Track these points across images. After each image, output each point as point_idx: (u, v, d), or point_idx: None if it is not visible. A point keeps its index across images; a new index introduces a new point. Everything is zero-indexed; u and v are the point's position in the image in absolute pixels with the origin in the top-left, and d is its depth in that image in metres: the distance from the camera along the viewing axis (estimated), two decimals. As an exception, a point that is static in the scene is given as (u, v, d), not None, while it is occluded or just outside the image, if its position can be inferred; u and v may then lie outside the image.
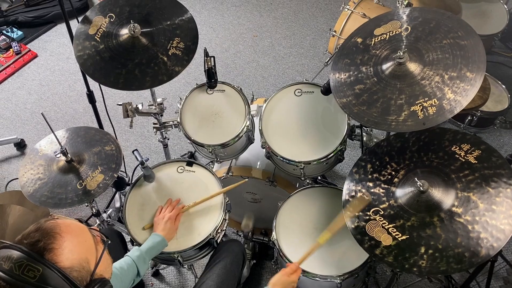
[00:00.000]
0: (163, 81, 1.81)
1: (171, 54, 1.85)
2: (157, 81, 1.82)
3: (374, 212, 1.49)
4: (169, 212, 1.74)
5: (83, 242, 1.01)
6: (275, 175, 2.09)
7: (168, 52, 1.85)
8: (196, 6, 3.96)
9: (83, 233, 1.03)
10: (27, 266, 0.90)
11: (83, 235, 1.03)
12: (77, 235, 1.01)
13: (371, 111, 1.52)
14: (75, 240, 0.99)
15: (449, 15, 1.57)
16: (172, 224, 1.72)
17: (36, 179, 1.76)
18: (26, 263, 0.90)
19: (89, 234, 1.05)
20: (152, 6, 1.95)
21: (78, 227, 1.04)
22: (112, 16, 1.92)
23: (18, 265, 0.90)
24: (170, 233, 1.71)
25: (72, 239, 0.98)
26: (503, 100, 2.57)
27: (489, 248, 1.30)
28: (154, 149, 2.99)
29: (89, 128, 1.91)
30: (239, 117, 1.95)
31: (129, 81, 1.82)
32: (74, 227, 1.02)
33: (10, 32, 3.67)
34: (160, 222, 1.71)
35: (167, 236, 1.69)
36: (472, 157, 1.47)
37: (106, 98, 2.43)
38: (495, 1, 2.97)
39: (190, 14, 1.96)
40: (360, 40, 1.69)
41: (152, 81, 1.82)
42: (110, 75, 1.83)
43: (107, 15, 1.93)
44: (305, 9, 3.87)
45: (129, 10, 1.94)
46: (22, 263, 0.90)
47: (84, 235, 1.03)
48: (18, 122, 3.19)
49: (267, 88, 3.28)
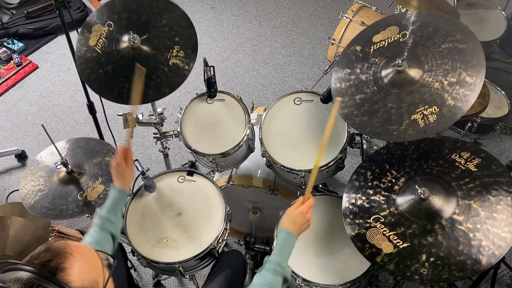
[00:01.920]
0: (166, 93, 1.82)
1: (172, 64, 1.86)
2: (160, 94, 1.82)
3: (375, 220, 1.49)
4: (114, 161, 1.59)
5: (92, 263, 1.00)
6: (276, 183, 2.09)
7: (169, 62, 1.86)
8: (195, 16, 3.98)
9: (91, 254, 1.03)
10: (39, 286, 0.88)
11: (92, 256, 1.02)
12: (87, 256, 1.00)
13: (372, 121, 1.52)
14: (86, 260, 0.98)
15: (447, 17, 1.56)
16: (123, 167, 1.57)
17: (36, 190, 1.76)
18: (38, 283, 0.87)
19: (97, 256, 1.04)
20: (149, 11, 1.95)
21: (86, 248, 1.03)
22: (111, 25, 1.93)
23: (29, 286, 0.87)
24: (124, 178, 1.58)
25: (83, 259, 0.98)
26: (503, 106, 2.58)
27: (491, 256, 1.30)
28: (155, 159, 2.99)
29: (90, 139, 1.92)
30: (239, 126, 1.96)
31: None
32: (83, 248, 1.01)
33: (11, 44, 3.70)
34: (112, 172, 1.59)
35: (123, 183, 1.57)
36: (472, 165, 1.47)
37: (106, 108, 2.43)
38: (493, 7, 2.98)
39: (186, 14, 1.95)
40: (360, 48, 1.69)
41: (155, 94, 1.82)
42: (114, 90, 1.83)
43: (106, 23, 1.93)
44: (304, 18, 3.89)
45: (127, 17, 1.93)
46: (33, 284, 0.87)
47: (93, 256, 1.03)
48: (19, 133, 3.20)
49: (267, 97, 3.29)
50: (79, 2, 4.04)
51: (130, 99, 1.71)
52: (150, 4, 1.95)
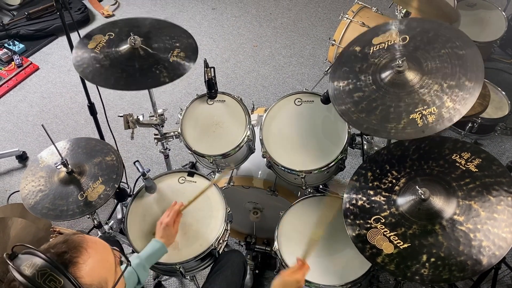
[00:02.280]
0: (165, 82, 1.81)
1: (173, 61, 1.86)
2: (160, 82, 1.81)
3: (375, 220, 1.49)
4: (166, 217, 1.70)
5: (105, 261, 1.01)
6: (277, 184, 2.09)
7: (169, 60, 1.86)
8: (196, 17, 3.99)
9: (106, 252, 1.03)
10: (50, 276, 0.89)
11: (106, 254, 1.03)
12: (101, 253, 1.01)
13: (370, 119, 1.52)
14: (99, 258, 0.99)
15: (447, 25, 1.58)
16: (171, 229, 1.67)
17: (37, 191, 1.76)
18: (49, 272, 0.89)
19: (112, 254, 1.05)
20: (152, 27, 1.99)
21: (103, 246, 1.03)
22: (112, 35, 1.94)
23: (41, 274, 0.89)
24: (169, 238, 1.66)
25: (97, 256, 0.98)
26: (503, 107, 2.58)
27: (491, 256, 1.30)
28: (156, 160, 2.99)
29: (90, 139, 1.92)
30: (239, 127, 1.96)
31: (130, 83, 1.81)
32: (99, 244, 1.02)
33: (12, 45, 3.70)
34: (159, 228, 1.68)
35: (167, 242, 1.65)
36: (472, 166, 1.47)
37: (107, 110, 2.44)
38: (493, 8, 2.98)
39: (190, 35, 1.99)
40: (359, 49, 1.69)
41: (154, 82, 1.82)
42: (110, 79, 1.82)
43: (107, 34, 1.95)
44: (304, 19, 3.89)
45: (129, 30, 1.95)
46: (45, 272, 0.89)
47: (107, 255, 1.03)
48: (20, 134, 3.20)
49: (267, 98, 3.29)
50: (79, 4, 4.05)
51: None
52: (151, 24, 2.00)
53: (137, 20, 2.03)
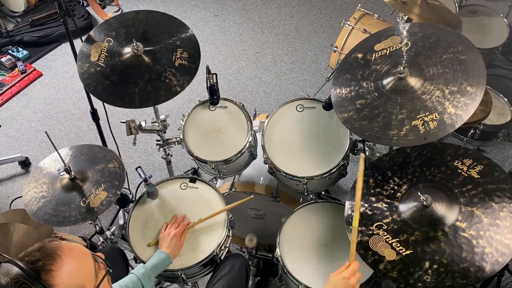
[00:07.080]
0: (177, 92, 1.82)
1: (178, 65, 1.87)
2: (172, 93, 1.82)
3: (377, 227, 1.48)
4: (174, 229, 1.73)
5: (82, 267, 1.00)
6: (279, 190, 2.09)
7: (175, 64, 1.87)
8: (199, 24, 4.01)
9: (84, 258, 1.02)
10: (23, 284, 0.90)
11: (84, 260, 1.02)
12: (78, 259, 1.00)
13: (372, 126, 1.52)
14: (75, 264, 0.98)
15: (449, 30, 1.58)
16: (178, 241, 1.71)
17: (39, 197, 1.76)
18: (23, 281, 0.90)
19: (91, 260, 1.04)
20: (146, 23, 1.98)
21: (80, 252, 1.03)
22: (110, 40, 1.94)
23: (15, 282, 0.90)
24: (175, 250, 1.69)
25: (72, 263, 0.98)
26: (505, 113, 2.57)
27: (494, 263, 1.29)
28: (158, 165, 3.00)
29: (93, 146, 1.92)
30: (241, 133, 1.96)
31: (145, 98, 1.82)
32: (76, 251, 1.01)
33: (15, 52, 3.73)
34: (166, 239, 1.71)
35: (172, 253, 1.68)
36: (474, 172, 1.47)
37: (109, 115, 2.45)
38: (495, 15, 2.99)
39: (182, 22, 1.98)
40: (361, 56, 1.70)
41: (167, 94, 1.82)
42: (125, 96, 1.83)
43: (105, 40, 1.94)
44: (306, 25, 3.91)
45: (125, 31, 1.95)
46: (18, 280, 0.90)
47: (85, 261, 1.02)
48: (23, 140, 3.22)
49: (269, 104, 3.30)
50: (83, 10, 4.07)
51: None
52: (146, 18, 1.99)
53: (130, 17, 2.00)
